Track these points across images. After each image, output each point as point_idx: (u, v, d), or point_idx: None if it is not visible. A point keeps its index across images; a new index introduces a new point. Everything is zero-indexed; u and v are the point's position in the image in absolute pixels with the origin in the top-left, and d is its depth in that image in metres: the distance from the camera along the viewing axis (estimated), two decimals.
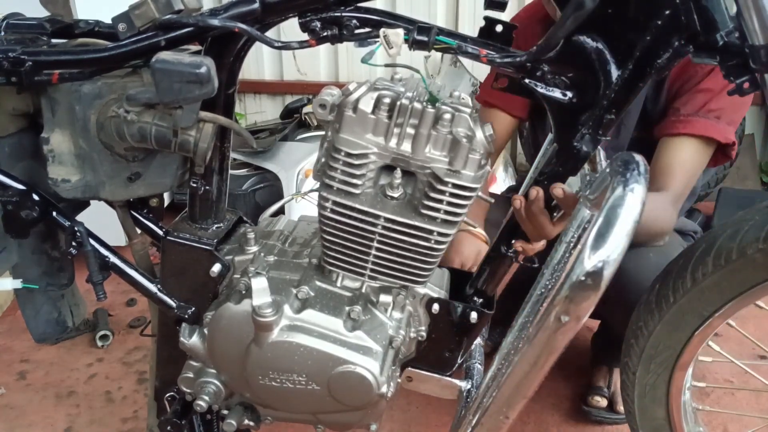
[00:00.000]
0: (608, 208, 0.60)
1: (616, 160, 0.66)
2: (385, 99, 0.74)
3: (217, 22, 0.76)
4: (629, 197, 0.60)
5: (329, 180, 0.78)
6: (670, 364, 0.86)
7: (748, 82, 0.67)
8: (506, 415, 0.76)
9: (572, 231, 0.72)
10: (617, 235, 0.59)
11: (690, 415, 0.96)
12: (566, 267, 0.62)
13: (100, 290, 0.94)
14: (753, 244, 0.72)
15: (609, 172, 0.66)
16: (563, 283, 0.61)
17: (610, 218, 0.60)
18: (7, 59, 0.80)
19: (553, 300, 0.63)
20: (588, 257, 0.59)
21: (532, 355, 0.68)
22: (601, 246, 0.59)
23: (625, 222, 0.59)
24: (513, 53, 0.75)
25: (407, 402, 1.45)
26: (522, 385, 0.72)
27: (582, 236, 0.69)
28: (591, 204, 0.71)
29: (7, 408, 1.47)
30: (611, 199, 0.61)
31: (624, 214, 0.60)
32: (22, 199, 0.90)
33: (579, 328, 0.64)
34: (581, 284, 0.60)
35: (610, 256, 0.59)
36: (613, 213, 0.60)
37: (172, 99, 0.76)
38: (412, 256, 0.82)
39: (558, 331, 0.64)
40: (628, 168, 0.63)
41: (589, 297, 0.60)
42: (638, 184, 0.61)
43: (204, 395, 0.92)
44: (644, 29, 0.69)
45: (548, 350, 0.66)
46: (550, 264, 0.74)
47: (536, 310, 0.71)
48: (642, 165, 0.64)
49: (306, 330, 0.83)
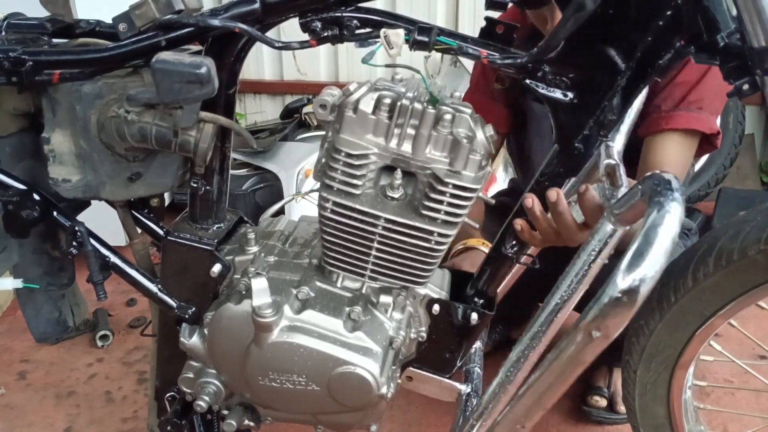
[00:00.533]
0: (648, 227, 0.60)
1: (651, 179, 0.66)
2: (386, 99, 0.74)
3: (218, 22, 0.75)
4: (668, 217, 0.61)
5: (329, 180, 0.78)
6: (671, 363, 0.86)
7: (747, 83, 0.67)
8: (523, 425, 0.75)
9: (593, 243, 0.72)
10: (656, 254, 0.59)
11: (691, 413, 0.96)
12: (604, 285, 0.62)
13: (101, 290, 0.94)
14: (754, 245, 0.72)
15: (641, 190, 0.66)
16: (599, 298, 0.61)
17: (649, 237, 0.60)
18: (7, 59, 0.80)
19: (587, 315, 0.62)
20: (625, 275, 0.59)
21: (559, 368, 0.68)
22: (639, 264, 0.59)
23: (664, 241, 0.59)
24: (514, 54, 0.74)
25: (407, 402, 1.45)
26: (544, 396, 0.72)
27: (603, 250, 0.71)
28: (615, 219, 0.71)
29: (7, 408, 1.47)
30: (651, 218, 0.61)
31: (662, 233, 0.60)
32: (23, 199, 0.90)
33: (608, 344, 0.64)
34: (617, 301, 0.60)
35: (648, 274, 0.59)
36: (654, 232, 0.60)
37: (173, 99, 0.76)
38: (412, 257, 0.82)
39: (587, 346, 0.64)
40: (665, 187, 0.64)
41: (624, 314, 0.60)
42: (676, 203, 0.62)
43: (204, 395, 0.92)
44: (645, 30, 0.69)
45: (575, 364, 0.66)
46: (568, 275, 0.74)
47: (550, 320, 0.71)
48: (674, 182, 0.65)
49: (306, 330, 0.83)
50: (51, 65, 0.81)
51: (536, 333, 0.73)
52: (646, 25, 0.69)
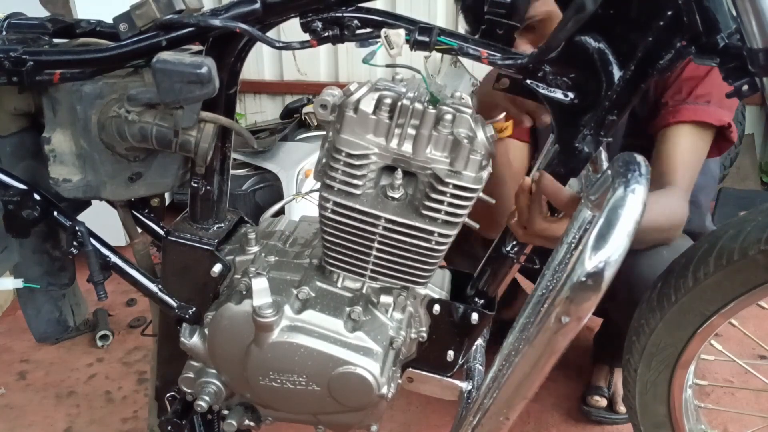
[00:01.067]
0: (609, 209, 0.60)
1: (617, 160, 0.65)
2: (386, 99, 0.74)
3: (219, 22, 0.75)
4: (630, 198, 0.60)
5: (330, 180, 0.78)
6: (671, 362, 0.87)
7: (747, 84, 0.66)
8: (506, 416, 0.75)
9: (573, 232, 0.72)
10: (618, 236, 0.59)
11: (692, 412, 0.96)
12: (567, 268, 0.62)
13: (101, 290, 0.94)
14: (755, 245, 0.72)
15: (610, 173, 0.66)
16: (564, 283, 0.61)
17: (611, 219, 0.60)
18: (8, 59, 0.80)
19: (554, 301, 0.63)
20: (589, 258, 0.59)
21: (533, 356, 0.68)
22: (602, 247, 0.59)
23: (626, 223, 0.59)
24: (514, 55, 0.74)
25: (407, 402, 1.45)
26: (522, 386, 0.71)
27: (583, 237, 0.69)
28: (592, 205, 0.70)
29: (7, 408, 1.47)
30: (612, 199, 0.61)
31: (625, 214, 0.60)
32: (24, 199, 0.90)
33: (579, 328, 0.64)
34: (582, 285, 0.60)
35: (611, 256, 0.59)
36: (614, 214, 0.60)
37: (173, 99, 0.76)
38: (412, 257, 0.82)
39: (558, 332, 0.64)
40: (629, 168, 0.63)
41: (590, 298, 0.60)
42: (639, 185, 0.61)
43: (204, 395, 0.92)
44: (646, 30, 0.69)
45: (549, 351, 0.66)
46: (551, 265, 0.74)
47: (537, 311, 0.71)
48: (643, 165, 0.64)
49: (306, 331, 0.83)
50: (52, 65, 0.81)
51: (525, 324, 0.73)
52: (647, 25, 0.69)
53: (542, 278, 0.76)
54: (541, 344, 0.66)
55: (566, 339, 0.65)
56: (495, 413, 0.76)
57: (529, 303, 0.76)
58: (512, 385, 0.72)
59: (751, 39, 0.64)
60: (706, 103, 1.11)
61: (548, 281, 0.74)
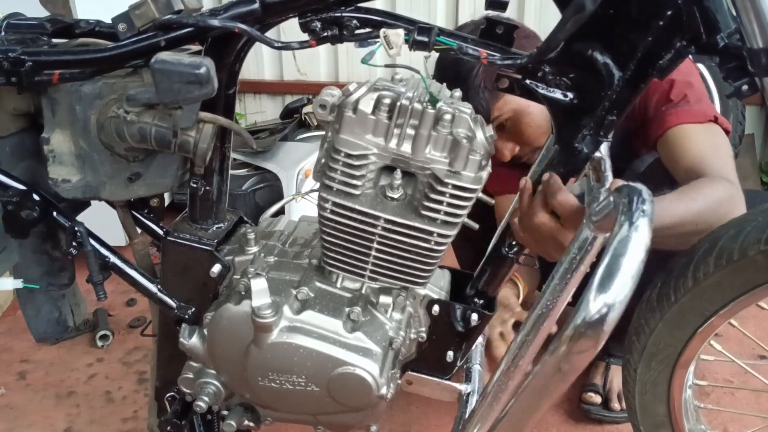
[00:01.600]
0: (612, 253, 0.58)
1: (622, 191, 0.64)
2: (385, 99, 0.74)
3: (217, 22, 0.75)
4: (635, 237, 0.58)
5: (329, 181, 0.78)
6: (671, 362, 0.86)
7: (746, 84, 0.66)
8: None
9: (573, 252, 0.71)
10: (622, 279, 0.57)
11: (691, 412, 0.95)
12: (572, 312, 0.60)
13: (101, 290, 0.94)
14: (755, 246, 0.72)
15: (614, 200, 0.65)
16: (564, 333, 0.60)
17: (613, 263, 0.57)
18: (7, 59, 0.80)
19: (554, 350, 0.61)
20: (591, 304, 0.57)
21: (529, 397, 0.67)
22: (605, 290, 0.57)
23: (630, 266, 0.57)
24: (514, 55, 0.74)
25: (407, 402, 1.45)
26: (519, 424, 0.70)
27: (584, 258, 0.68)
28: (594, 226, 0.70)
29: (6, 408, 1.47)
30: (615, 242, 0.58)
31: (629, 256, 0.57)
32: (23, 199, 0.90)
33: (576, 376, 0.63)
34: (583, 334, 0.58)
35: (616, 299, 0.57)
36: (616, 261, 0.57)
37: (172, 99, 0.76)
38: (412, 257, 0.82)
39: (554, 379, 0.63)
40: (631, 201, 0.61)
41: (592, 345, 0.58)
42: (643, 220, 0.59)
43: (204, 396, 0.92)
44: (646, 30, 0.69)
45: (545, 394, 0.65)
46: (551, 283, 0.73)
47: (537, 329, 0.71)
48: (647, 196, 0.62)
49: (305, 331, 0.82)
50: (50, 65, 0.81)
51: (523, 342, 0.73)
52: (647, 25, 0.69)
53: (542, 297, 0.75)
54: (537, 388, 0.65)
55: (564, 385, 0.64)
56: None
57: (529, 320, 0.75)
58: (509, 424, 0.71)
59: (751, 39, 0.64)
60: (686, 103, 1.09)
61: (548, 300, 0.73)
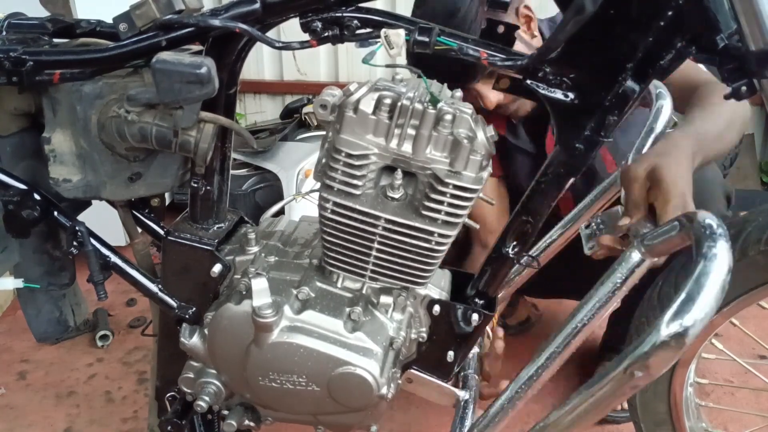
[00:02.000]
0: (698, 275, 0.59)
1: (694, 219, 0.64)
2: (386, 100, 0.74)
3: (218, 22, 0.75)
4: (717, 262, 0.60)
5: (330, 181, 0.78)
6: None
7: (745, 86, 0.66)
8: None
9: (620, 272, 0.72)
10: (706, 300, 0.58)
11: (692, 411, 0.96)
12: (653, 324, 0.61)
13: (101, 290, 0.94)
14: (755, 246, 0.73)
15: (681, 225, 0.65)
16: (641, 343, 0.60)
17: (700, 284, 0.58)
18: (8, 59, 0.80)
19: (628, 355, 0.62)
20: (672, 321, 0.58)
21: (593, 401, 0.67)
22: (689, 310, 0.58)
23: (714, 287, 0.59)
24: (514, 56, 0.74)
25: (407, 403, 1.45)
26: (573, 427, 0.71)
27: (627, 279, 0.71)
28: (646, 250, 0.71)
29: (7, 408, 1.47)
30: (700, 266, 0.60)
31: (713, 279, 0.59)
32: (24, 199, 0.90)
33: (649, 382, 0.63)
34: (663, 345, 0.59)
35: (698, 318, 0.58)
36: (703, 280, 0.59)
37: (173, 99, 0.76)
38: (412, 258, 0.82)
39: (627, 384, 0.63)
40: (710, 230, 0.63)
41: (670, 357, 0.59)
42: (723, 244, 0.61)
43: (204, 396, 0.92)
44: (646, 30, 0.69)
45: (611, 399, 0.65)
46: (590, 300, 0.73)
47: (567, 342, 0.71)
48: (719, 224, 0.63)
49: (306, 331, 0.82)
50: (51, 65, 0.81)
51: (552, 353, 0.73)
52: (647, 25, 0.69)
53: (578, 312, 0.75)
54: (605, 393, 0.65)
55: (633, 391, 0.64)
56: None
57: (561, 333, 0.75)
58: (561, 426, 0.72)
59: (749, 40, 0.64)
60: None
61: (584, 316, 0.73)
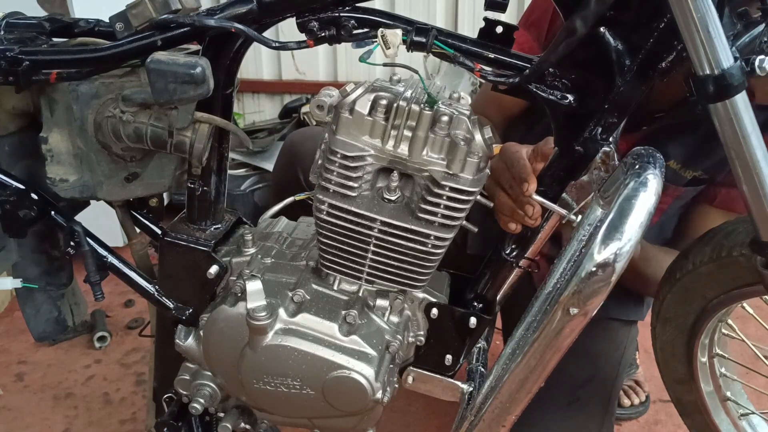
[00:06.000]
0: (622, 200, 0.60)
1: (631, 154, 0.65)
2: (382, 100, 0.73)
3: (214, 22, 0.75)
4: (642, 190, 0.60)
5: (325, 182, 0.77)
6: (684, 330, 0.89)
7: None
8: (511, 412, 0.74)
9: (584, 229, 0.71)
10: (630, 227, 0.58)
11: (709, 377, 0.96)
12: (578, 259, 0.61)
13: (98, 290, 0.93)
14: (737, 247, 0.75)
15: (621, 168, 0.65)
16: (574, 273, 0.60)
17: (624, 209, 0.59)
18: (4, 58, 0.79)
19: (563, 291, 0.62)
20: (600, 249, 0.59)
21: (538, 349, 0.67)
22: (613, 238, 0.58)
23: (638, 214, 0.59)
24: (507, 71, 0.73)
25: (408, 403, 1.44)
26: (527, 380, 0.70)
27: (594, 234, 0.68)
28: (604, 202, 0.70)
29: (4, 410, 1.47)
30: (625, 190, 0.60)
31: (638, 205, 0.59)
32: (21, 199, 0.90)
33: (586, 323, 0.63)
34: (591, 275, 0.59)
35: (623, 248, 0.58)
36: (627, 204, 0.59)
37: (167, 99, 0.76)
38: (409, 260, 0.81)
39: (566, 325, 0.63)
40: (642, 161, 0.62)
41: (600, 290, 0.59)
42: (653, 176, 0.60)
43: (199, 398, 0.91)
44: (646, 32, 0.69)
45: (555, 344, 0.65)
46: (560, 263, 0.73)
47: (544, 309, 0.70)
48: (658, 160, 0.63)
49: (301, 334, 0.82)
50: (48, 65, 0.80)
51: (530, 323, 0.72)
52: (648, 27, 0.68)
53: (550, 276, 0.75)
54: (546, 337, 0.65)
55: (573, 332, 0.64)
56: (500, 408, 0.75)
57: (537, 300, 0.74)
58: (516, 380, 0.71)
59: (696, 67, 0.61)
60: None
61: (556, 279, 0.73)
